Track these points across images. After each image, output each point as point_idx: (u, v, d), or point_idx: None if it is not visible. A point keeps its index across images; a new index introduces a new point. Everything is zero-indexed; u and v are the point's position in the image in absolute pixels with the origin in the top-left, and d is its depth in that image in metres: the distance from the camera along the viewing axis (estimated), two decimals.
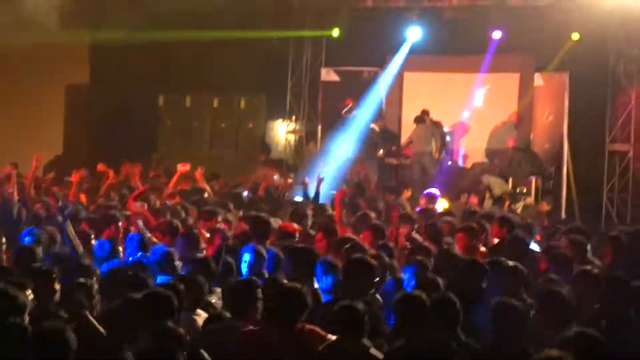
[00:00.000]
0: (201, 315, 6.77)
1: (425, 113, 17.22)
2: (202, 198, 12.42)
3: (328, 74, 19.35)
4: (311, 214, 11.06)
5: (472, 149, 18.01)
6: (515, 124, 17.66)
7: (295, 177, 16.39)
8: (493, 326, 6.12)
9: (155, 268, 7.84)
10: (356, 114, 18.14)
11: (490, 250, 9.52)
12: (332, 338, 6.00)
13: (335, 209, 10.83)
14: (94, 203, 12.24)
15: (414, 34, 18.30)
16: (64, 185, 14.09)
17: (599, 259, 9.29)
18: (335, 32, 19.03)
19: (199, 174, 13.46)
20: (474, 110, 18.19)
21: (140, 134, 19.34)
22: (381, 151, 17.73)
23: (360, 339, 5.90)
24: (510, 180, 16.53)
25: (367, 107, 18.19)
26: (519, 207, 14.83)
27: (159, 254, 8.07)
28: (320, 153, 17.07)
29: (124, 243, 9.21)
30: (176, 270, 7.80)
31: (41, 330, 5.34)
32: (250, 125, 20.04)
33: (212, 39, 18.11)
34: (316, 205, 12.14)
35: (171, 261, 7.89)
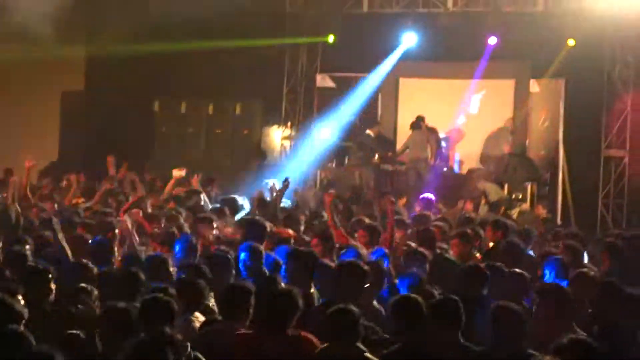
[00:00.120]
0: (199, 318, 6.73)
1: (420, 119, 17.22)
2: (198, 204, 12.37)
3: (324, 80, 19.35)
4: (304, 219, 11.06)
5: (468, 155, 18.00)
6: (511, 130, 17.67)
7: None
8: (492, 330, 6.10)
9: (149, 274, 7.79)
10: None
11: (484, 254, 9.50)
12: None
13: (326, 212, 10.84)
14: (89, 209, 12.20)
15: (409, 39, 18.31)
16: (59, 190, 14.06)
17: (595, 265, 9.28)
18: (331, 39, 19.03)
19: (195, 181, 13.43)
20: (470, 116, 18.22)
21: (135, 140, 19.30)
22: (376, 157, 17.72)
23: (355, 342, 5.88)
24: (506, 186, 16.52)
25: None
26: (515, 213, 14.82)
27: (152, 260, 8.04)
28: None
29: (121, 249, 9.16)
30: (171, 277, 7.76)
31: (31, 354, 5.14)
32: (246, 131, 19.99)
33: (208, 48, 18.12)
34: (312, 210, 12.14)
35: (166, 268, 7.86)
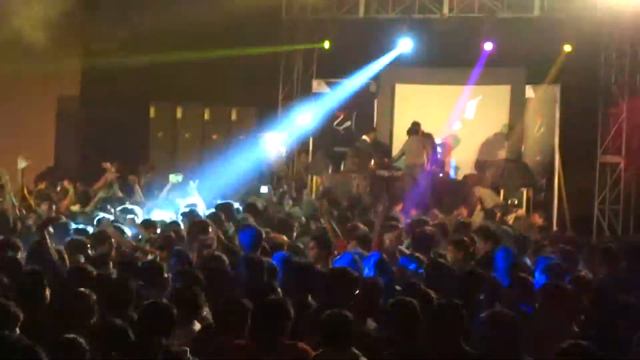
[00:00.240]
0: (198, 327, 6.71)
1: (416, 125, 17.20)
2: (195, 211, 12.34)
3: (319, 86, 19.35)
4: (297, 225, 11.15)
5: (464, 161, 18.00)
6: (507, 136, 17.66)
7: (286, 188, 16.39)
8: (488, 336, 6.08)
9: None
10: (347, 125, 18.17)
11: (476, 263, 9.45)
12: None
13: (325, 221, 10.87)
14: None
15: (405, 45, 18.31)
16: (55, 194, 14.06)
17: (590, 271, 9.26)
18: (326, 44, 19.03)
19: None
20: (466, 122, 18.22)
21: (131, 145, 19.28)
22: (372, 163, 17.70)
23: (348, 347, 5.86)
24: (502, 192, 16.52)
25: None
26: (511, 219, 14.80)
27: (147, 266, 8.02)
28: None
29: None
30: (167, 283, 7.71)
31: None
32: (242, 137, 19.98)
33: (205, 57, 18.11)
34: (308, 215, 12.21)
35: (161, 274, 7.82)
